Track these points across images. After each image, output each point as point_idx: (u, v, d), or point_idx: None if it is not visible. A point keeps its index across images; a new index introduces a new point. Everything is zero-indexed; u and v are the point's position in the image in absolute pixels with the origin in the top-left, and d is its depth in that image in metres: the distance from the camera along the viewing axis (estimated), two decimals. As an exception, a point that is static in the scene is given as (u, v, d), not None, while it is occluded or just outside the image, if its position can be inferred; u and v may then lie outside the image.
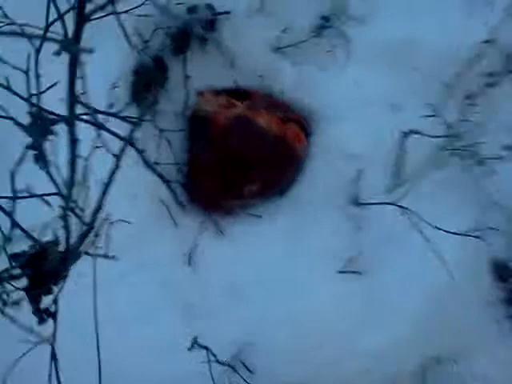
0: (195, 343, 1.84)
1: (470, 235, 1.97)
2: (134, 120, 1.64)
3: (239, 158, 2.09)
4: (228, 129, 2.09)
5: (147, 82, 2.06)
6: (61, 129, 1.06)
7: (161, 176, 1.98)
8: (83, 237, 1.23)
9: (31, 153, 1.04)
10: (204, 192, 2.15)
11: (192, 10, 2.16)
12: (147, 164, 1.90)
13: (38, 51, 1.01)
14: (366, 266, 2.01)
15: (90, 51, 0.83)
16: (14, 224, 1.13)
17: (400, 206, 1.96)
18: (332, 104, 2.16)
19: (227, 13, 2.16)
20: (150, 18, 2.10)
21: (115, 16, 1.88)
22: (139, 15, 2.01)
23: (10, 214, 1.11)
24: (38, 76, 1.04)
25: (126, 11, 1.74)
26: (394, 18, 2.16)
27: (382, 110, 2.14)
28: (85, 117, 1.16)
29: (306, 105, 2.18)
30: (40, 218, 1.17)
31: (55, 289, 1.21)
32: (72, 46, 0.89)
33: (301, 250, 2.05)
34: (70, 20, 0.96)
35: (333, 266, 2.02)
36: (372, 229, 2.05)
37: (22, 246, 1.20)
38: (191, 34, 2.18)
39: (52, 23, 1.04)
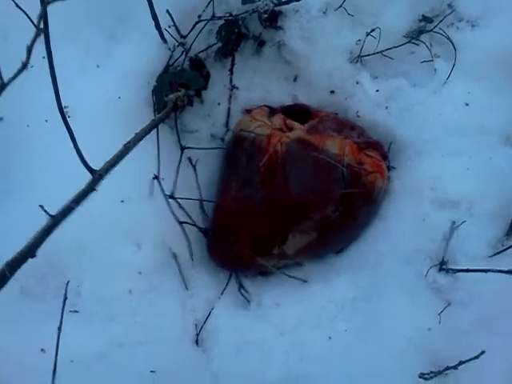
0: None
1: None
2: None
3: (292, 200, 1.54)
4: (282, 158, 1.55)
5: (178, 83, 1.59)
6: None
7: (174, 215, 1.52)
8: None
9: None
10: (233, 242, 1.60)
11: (249, -2, 1.68)
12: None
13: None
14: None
15: None
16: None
17: None
18: (425, 131, 1.62)
19: (298, 0, 1.64)
20: (192, 6, 1.68)
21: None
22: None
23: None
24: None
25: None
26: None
27: (493, 143, 1.59)
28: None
29: (390, 131, 1.64)
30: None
31: None
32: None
33: (365, 334, 1.48)
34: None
35: (411, 363, 1.42)
36: (468, 308, 1.43)
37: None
38: (244, 32, 1.70)
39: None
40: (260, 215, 1.58)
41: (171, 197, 1.51)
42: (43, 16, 0.95)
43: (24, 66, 0.84)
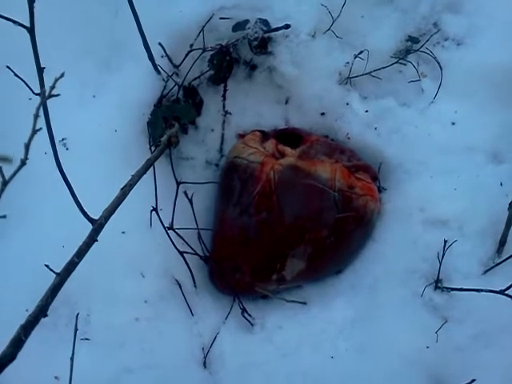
0: None
1: None
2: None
3: (286, 226, 1.58)
4: (275, 186, 1.59)
5: (171, 116, 1.62)
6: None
7: (175, 246, 1.55)
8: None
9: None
10: (234, 269, 1.64)
11: (239, 26, 1.70)
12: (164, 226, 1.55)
13: None
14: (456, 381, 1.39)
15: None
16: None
17: (504, 294, 1.35)
18: (414, 152, 1.66)
19: (287, 27, 1.68)
20: (184, 35, 1.71)
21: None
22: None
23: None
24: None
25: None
26: (500, 38, 1.69)
27: (480, 161, 1.63)
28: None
29: (380, 152, 1.68)
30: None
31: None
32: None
33: (366, 353, 1.51)
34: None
35: (411, 381, 1.46)
36: (464, 324, 1.46)
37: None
38: (236, 57, 1.74)
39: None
40: (256, 242, 1.61)
41: (170, 228, 1.54)
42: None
43: (23, 163, 0.84)
